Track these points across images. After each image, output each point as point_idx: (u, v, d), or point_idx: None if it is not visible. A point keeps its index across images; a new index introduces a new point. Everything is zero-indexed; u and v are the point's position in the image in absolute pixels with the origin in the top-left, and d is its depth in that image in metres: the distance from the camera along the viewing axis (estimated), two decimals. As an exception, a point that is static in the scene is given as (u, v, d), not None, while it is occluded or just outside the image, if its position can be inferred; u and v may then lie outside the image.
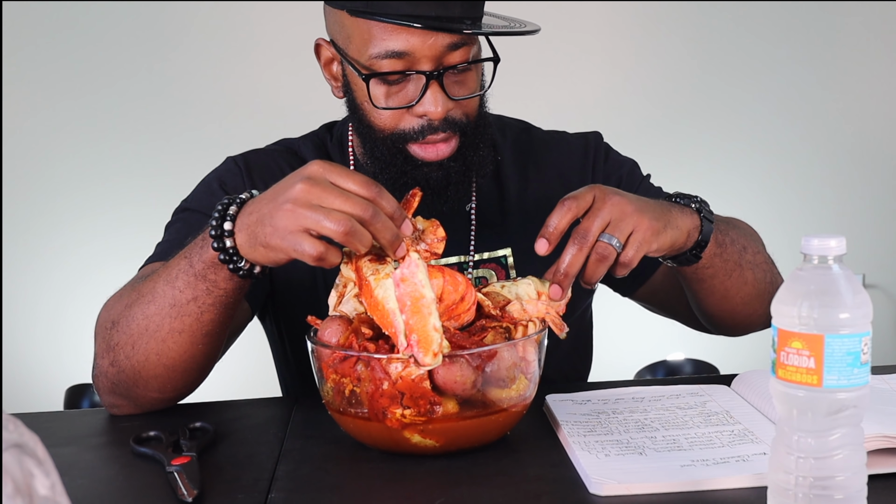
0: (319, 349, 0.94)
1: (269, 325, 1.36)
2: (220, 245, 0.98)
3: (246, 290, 1.05)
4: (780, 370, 0.74)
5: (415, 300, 0.88)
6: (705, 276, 1.15)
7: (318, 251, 0.91)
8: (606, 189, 1.02)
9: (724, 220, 1.19)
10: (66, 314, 2.83)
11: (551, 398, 1.09)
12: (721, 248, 1.13)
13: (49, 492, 0.52)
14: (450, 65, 1.11)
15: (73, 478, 0.93)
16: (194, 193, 1.28)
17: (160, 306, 1.04)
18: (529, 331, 0.96)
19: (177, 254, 1.07)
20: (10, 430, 0.51)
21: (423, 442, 0.92)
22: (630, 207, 1.00)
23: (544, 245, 0.99)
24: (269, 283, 1.25)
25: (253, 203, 0.98)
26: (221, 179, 1.27)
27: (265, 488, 0.89)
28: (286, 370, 1.37)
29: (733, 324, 1.26)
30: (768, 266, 1.23)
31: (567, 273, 0.98)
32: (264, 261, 0.96)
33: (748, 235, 1.22)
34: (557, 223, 0.99)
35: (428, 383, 0.89)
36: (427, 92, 1.11)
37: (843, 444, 0.73)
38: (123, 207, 2.84)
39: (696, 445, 0.94)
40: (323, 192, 0.90)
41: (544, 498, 0.85)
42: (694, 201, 1.10)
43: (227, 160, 1.31)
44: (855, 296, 0.72)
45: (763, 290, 1.21)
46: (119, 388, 1.10)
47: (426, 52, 1.10)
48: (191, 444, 0.97)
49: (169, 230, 1.26)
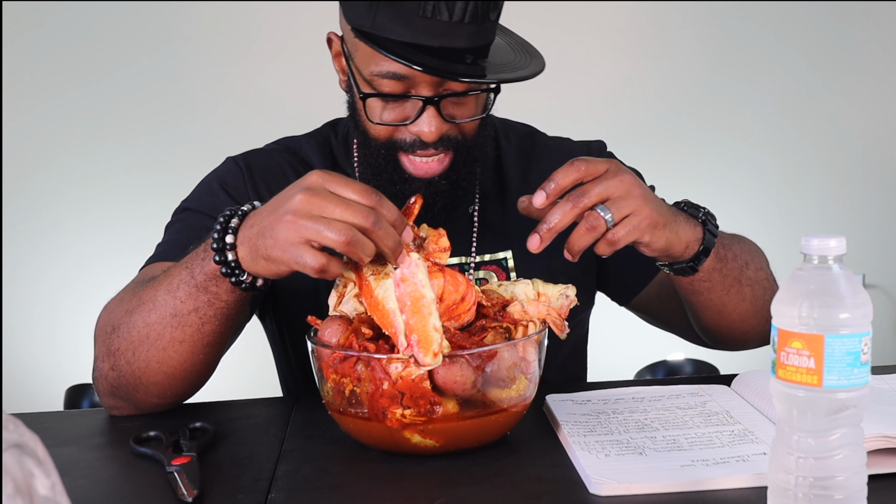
0: (319, 349, 0.94)
1: (269, 324, 1.35)
2: (221, 258, 0.97)
3: (248, 302, 1.04)
4: (780, 370, 0.74)
5: (415, 300, 0.88)
6: (702, 288, 1.13)
7: (320, 263, 0.90)
8: (623, 167, 1.00)
9: (730, 235, 1.18)
10: (67, 314, 2.83)
11: (551, 398, 1.09)
12: (722, 262, 1.12)
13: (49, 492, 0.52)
14: (450, 92, 1.11)
15: (73, 478, 0.93)
16: (194, 193, 1.28)
17: (161, 315, 1.03)
18: (529, 331, 0.96)
19: (178, 257, 1.07)
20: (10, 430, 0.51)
21: (423, 442, 0.92)
22: (637, 191, 0.99)
23: (542, 197, 0.98)
24: (271, 284, 1.25)
25: (254, 215, 0.97)
26: (222, 179, 1.27)
27: (265, 488, 0.89)
28: (287, 370, 1.37)
29: (729, 339, 1.25)
30: (769, 284, 1.21)
31: (552, 227, 0.97)
32: (266, 273, 0.96)
33: (752, 252, 1.20)
34: (560, 180, 0.98)
35: (428, 383, 0.89)
36: (423, 114, 1.11)
37: (843, 444, 0.73)
38: (124, 207, 2.84)
39: (696, 445, 0.94)
40: (323, 201, 0.90)
41: (544, 498, 0.85)
42: (701, 212, 1.08)
43: (227, 160, 1.31)
44: (855, 296, 0.72)
45: (761, 307, 1.19)
46: (119, 392, 1.10)
47: (427, 78, 1.09)
48: (191, 444, 0.97)
49: (169, 230, 1.26)
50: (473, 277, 1.25)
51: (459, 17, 1.05)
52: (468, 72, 1.07)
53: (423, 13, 1.04)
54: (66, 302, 2.84)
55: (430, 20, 1.05)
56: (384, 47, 1.05)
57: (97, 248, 2.84)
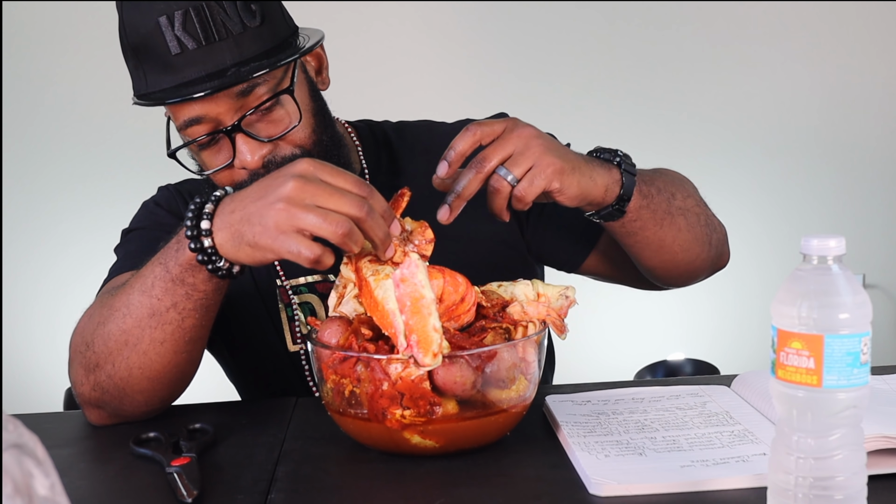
0: (319, 350, 0.94)
1: (218, 348, 1.32)
2: (197, 245, 0.95)
3: (225, 291, 1.02)
4: (780, 370, 0.74)
5: (415, 301, 0.88)
6: (635, 228, 1.12)
7: (315, 254, 0.89)
8: (520, 122, 1.00)
9: (650, 171, 1.16)
10: (67, 314, 2.82)
11: (551, 399, 1.09)
12: (647, 199, 1.10)
13: (49, 492, 0.52)
14: (249, 110, 1.10)
15: (72, 478, 0.93)
16: (135, 218, 1.30)
17: (137, 318, 1.01)
18: (529, 332, 0.96)
19: (137, 268, 1.05)
20: (9, 430, 0.51)
21: (422, 442, 0.92)
22: (536, 143, 0.98)
23: (444, 167, 0.99)
24: None
25: (233, 201, 0.95)
26: (157, 202, 1.30)
27: (265, 488, 0.89)
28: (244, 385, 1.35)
29: (677, 273, 1.22)
30: (700, 209, 1.20)
31: (459, 195, 0.98)
32: (248, 261, 0.94)
33: (675, 181, 1.19)
34: (460, 147, 0.98)
35: (428, 384, 0.89)
36: (235, 146, 1.11)
37: (843, 445, 0.73)
38: (124, 207, 2.82)
39: (696, 446, 0.94)
40: (317, 190, 0.89)
41: (544, 498, 0.85)
42: (616, 155, 1.07)
43: (160, 189, 1.33)
44: (855, 296, 0.72)
45: (700, 233, 1.18)
46: (106, 408, 1.08)
47: (220, 109, 1.10)
48: (190, 445, 0.97)
49: (120, 250, 1.25)
50: None
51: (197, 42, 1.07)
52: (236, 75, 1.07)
53: (174, 52, 1.07)
54: (66, 302, 2.83)
55: (183, 54, 1.07)
56: (160, 98, 1.09)
57: (97, 249, 2.82)
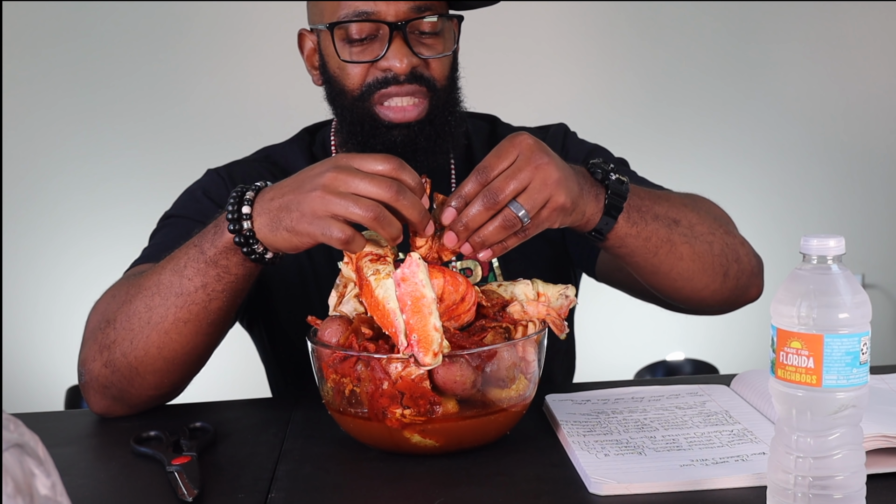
0: (319, 349, 0.94)
1: (258, 332, 1.35)
2: (236, 227, 0.98)
3: (255, 279, 1.05)
4: (780, 370, 0.74)
5: (415, 300, 0.88)
6: (622, 254, 1.09)
7: (346, 234, 0.92)
8: (535, 148, 0.95)
9: (655, 194, 1.11)
10: (67, 314, 2.83)
11: (551, 398, 1.09)
12: (636, 227, 1.06)
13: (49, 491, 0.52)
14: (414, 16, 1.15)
15: (73, 477, 0.93)
16: (178, 203, 1.29)
17: (165, 296, 1.04)
18: (529, 331, 0.96)
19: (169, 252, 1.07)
20: (10, 429, 0.51)
21: (423, 442, 0.92)
22: (554, 176, 0.94)
23: (451, 215, 0.94)
24: (256, 292, 1.24)
25: (273, 190, 0.98)
26: (205, 188, 1.28)
27: (265, 488, 0.89)
28: (280, 376, 1.37)
29: (679, 299, 1.18)
30: (716, 237, 1.13)
31: (467, 226, 0.93)
32: (285, 246, 0.97)
33: (687, 207, 1.13)
34: (467, 191, 0.94)
35: (428, 383, 0.89)
36: (391, 46, 1.15)
37: (843, 444, 0.73)
38: (124, 207, 2.84)
39: (696, 445, 0.94)
40: (349, 177, 0.92)
41: (544, 498, 0.85)
42: (610, 180, 1.03)
43: (209, 172, 1.32)
44: (854, 296, 0.72)
45: (709, 263, 1.12)
46: (111, 391, 1.09)
47: (391, 10, 1.14)
48: (191, 444, 0.97)
49: (156, 236, 1.26)
50: (457, 267, 1.22)
51: None
52: None
53: None
54: (66, 302, 2.84)
55: None
56: None
57: (97, 249, 2.84)
